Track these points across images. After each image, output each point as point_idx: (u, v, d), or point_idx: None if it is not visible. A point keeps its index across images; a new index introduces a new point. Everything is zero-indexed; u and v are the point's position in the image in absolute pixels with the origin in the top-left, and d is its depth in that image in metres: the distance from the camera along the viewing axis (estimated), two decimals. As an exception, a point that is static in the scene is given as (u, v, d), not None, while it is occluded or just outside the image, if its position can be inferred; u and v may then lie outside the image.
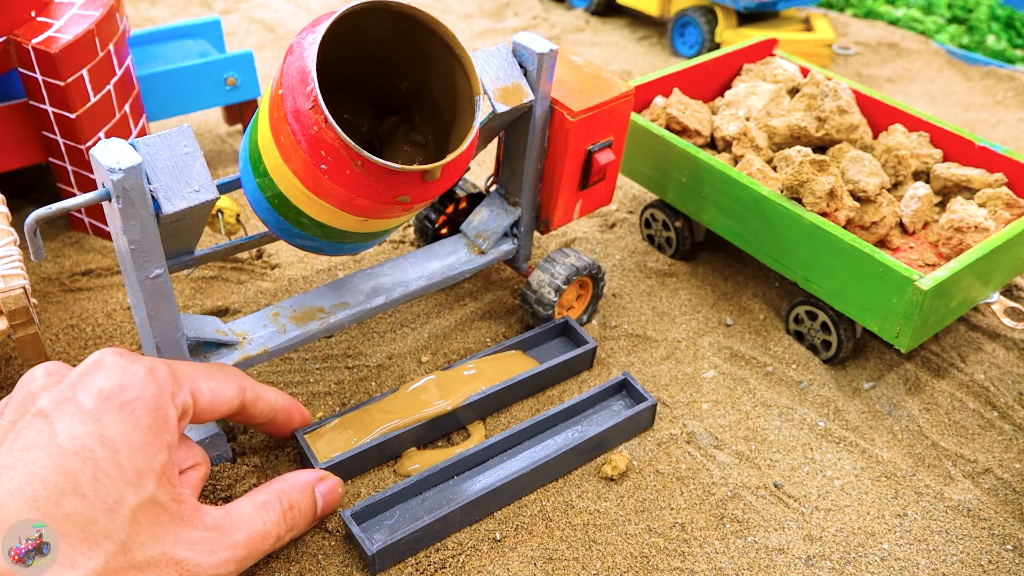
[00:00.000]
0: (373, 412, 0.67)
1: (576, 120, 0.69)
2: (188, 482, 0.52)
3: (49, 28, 0.78)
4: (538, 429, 0.68)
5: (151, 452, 0.46)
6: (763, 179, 0.80)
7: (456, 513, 0.60)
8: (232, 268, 0.85)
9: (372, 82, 0.64)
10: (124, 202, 0.51)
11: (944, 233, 0.78)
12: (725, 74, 1.00)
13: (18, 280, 0.63)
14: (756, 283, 0.88)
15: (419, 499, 0.63)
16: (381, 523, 0.61)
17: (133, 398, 0.47)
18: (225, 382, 0.55)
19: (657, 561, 0.61)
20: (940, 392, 0.76)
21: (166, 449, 0.47)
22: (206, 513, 0.50)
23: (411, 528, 0.58)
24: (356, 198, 0.54)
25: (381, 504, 0.61)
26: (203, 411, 0.53)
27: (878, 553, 0.62)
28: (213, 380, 0.54)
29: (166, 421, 0.48)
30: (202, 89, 0.97)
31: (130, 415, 0.46)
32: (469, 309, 0.81)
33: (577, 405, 0.69)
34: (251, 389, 0.57)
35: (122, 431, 0.45)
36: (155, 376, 0.48)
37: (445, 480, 0.64)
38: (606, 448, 0.68)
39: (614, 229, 0.95)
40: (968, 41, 1.53)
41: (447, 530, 0.61)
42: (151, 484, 0.46)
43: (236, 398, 0.55)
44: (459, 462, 0.64)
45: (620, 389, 0.72)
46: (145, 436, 0.46)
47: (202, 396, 0.52)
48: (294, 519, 0.56)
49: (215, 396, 0.54)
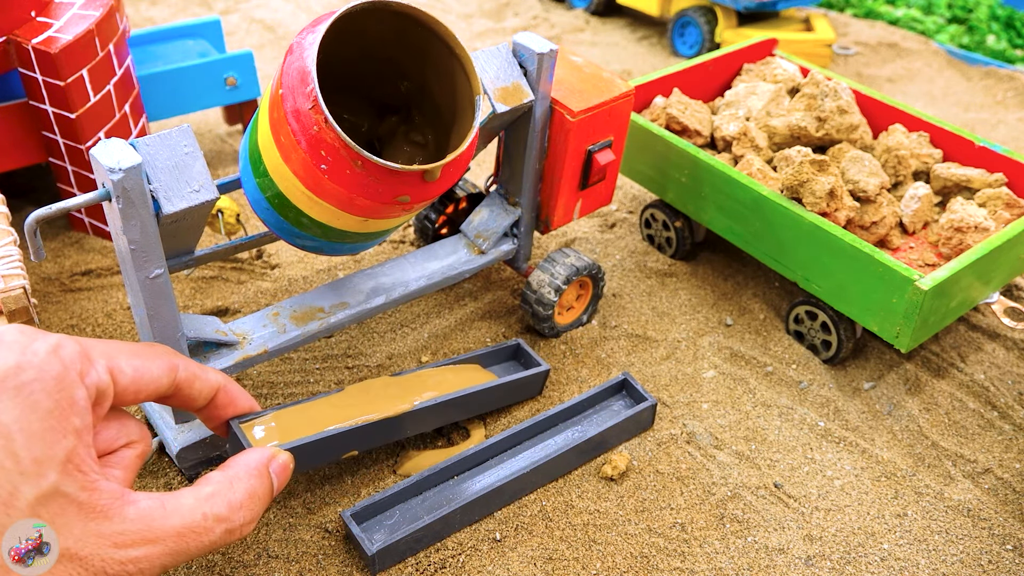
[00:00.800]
0: (313, 409, 0.62)
1: (576, 120, 0.69)
2: (119, 463, 0.47)
3: (49, 28, 0.78)
4: (538, 429, 0.68)
5: (52, 439, 0.42)
6: (763, 179, 0.80)
7: (456, 513, 0.60)
8: (232, 268, 0.85)
9: (372, 82, 0.64)
10: (124, 202, 0.51)
11: (944, 233, 0.78)
12: (725, 74, 1.00)
13: (18, 280, 0.63)
14: (756, 283, 0.88)
15: (419, 499, 0.63)
16: (381, 523, 0.61)
17: (31, 379, 0.42)
18: (152, 359, 0.49)
19: (657, 561, 0.61)
20: (940, 392, 0.76)
21: (72, 434, 0.43)
22: (131, 502, 0.44)
23: (411, 528, 0.58)
24: (356, 198, 0.54)
25: (381, 504, 0.61)
26: (125, 391, 0.47)
27: (878, 553, 0.62)
28: (137, 358, 0.48)
29: (72, 403, 0.43)
30: (202, 89, 0.97)
31: (27, 398, 0.42)
32: (469, 309, 0.81)
33: (577, 405, 0.69)
34: (184, 367, 0.51)
35: (18, 416, 0.41)
36: (59, 355, 0.43)
37: (445, 480, 0.64)
38: (606, 448, 0.68)
39: (614, 229, 0.95)
40: (968, 41, 1.53)
41: (447, 530, 0.61)
42: (52, 474, 0.42)
43: (165, 377, 0.49)
44: (459, 462, 0.64)
45: (620, 389, 0.72)
46: (45, 421, 0.42)
47: (122, 375, 0.47)
48: (253, 510, 0.50)
49: (139, 374, 0.48)
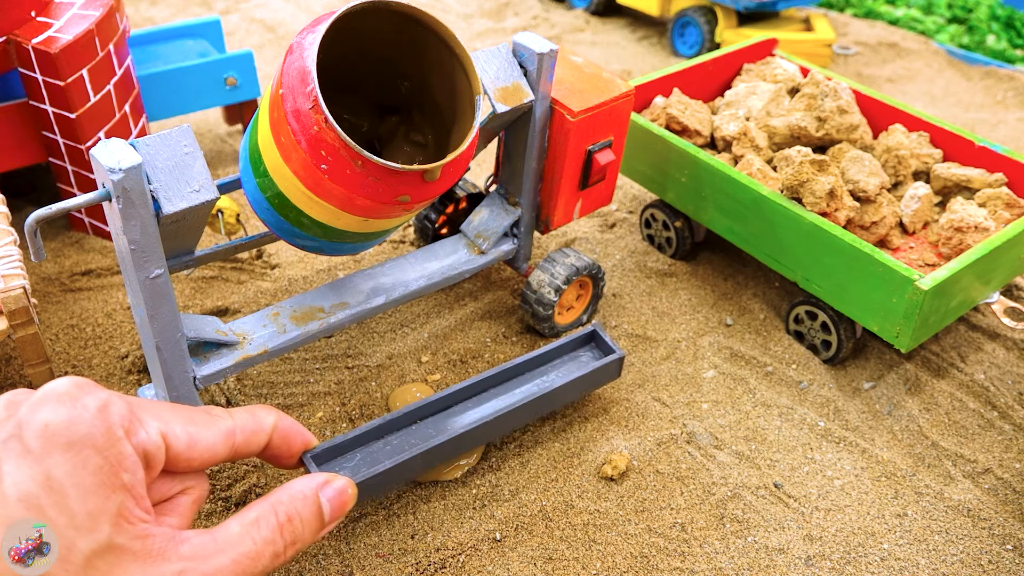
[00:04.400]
0: None
1: (576, 120, 0.69)
2: (174, 509, 0.49)
3: (49, 28, 0.78)
4: (504, 378, 0.68)
5: (104, 493, 0.43)
6: (763, 179, 0.80)
7: (418, 459, 0.60)
8: (232, 268, 0.85)
9: (372, 82, 0.64)
10: (124, 202, 0.51)
11: (944, 233, 0.78)
12: (725, 74, 1.00)
13: (18, 280, 0.63)
14: (756, 283, 0.88)
15: (381, 443, 0.63)
16: (342, 465, 0.61)
17: (81, 436, 0.43)
18: (208, 427, 0.50)
19: (657, 561, 0.61)
20: (940, 392, 0.76)
21: (122, 490, 0.44)
22: (183, 541, 0.46)
23: (372, 471, 0.58)
24: (356, 198, 0.54)
25: (343, 446, 0.61)
26: (178, 457, 0.49)
27: (878, 553, 0.62)
28: (193, 424, 0.49)
29: (121, 459, 0.44)
30: (202, 89, 0.97)
31: (77, 455, 0.43)
32: (469, 309, 0.81)
33: (544, 355, 0.69)
34: (241, 430, 0.52)
35: (70, 472, 0.42)
36: (106, 412, 0.45)
37: (408, 425, 0.64)
38: (572, 399, 0.68)
39: (614, 229, 0.95)
40: (968, 41, 1.53)
41: (407, 474, 0.61)
42: (106, 527, 0.43)
43: (222, 444, 0.50)
44: (423, 407, 0.64)
45: (589, 340, 0.72)
46: (96, 476, 0.43)
47: (176, 440, 0.48)
48: (295, 532, 0.51)
49: (194, 441, 0.49)
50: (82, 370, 0.73)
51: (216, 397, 0.71)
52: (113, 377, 0.72)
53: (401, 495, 0.64)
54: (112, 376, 0.72)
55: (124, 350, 0.75)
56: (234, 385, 0.72)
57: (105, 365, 0.73)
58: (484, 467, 0.67)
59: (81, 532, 0.43)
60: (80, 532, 0.43)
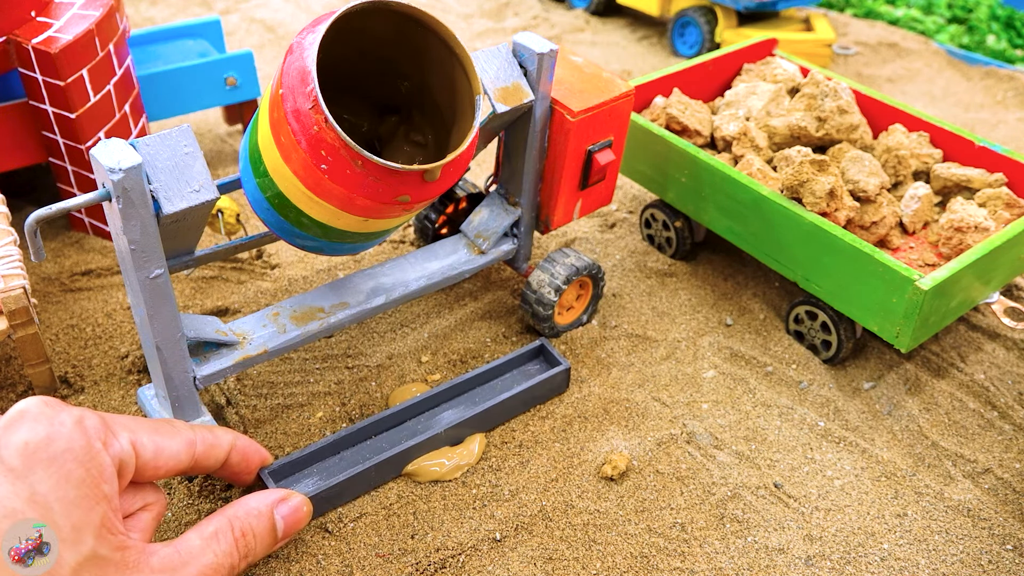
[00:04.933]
0: None
1: (576, 120, 0.69)
2: (136, 525, 0.50)
3: (49, 28, 0.78)
4: (455, 392, 0.71)
5: (87, 506, 0.44)
6: (763, 179, 0.80)
7: (371, 470, 0.63)
8: (232, 268, 0.85)
9: (372, 82, 0.64)
10: (124, 202, 0.51)
11: (944, 233, 0.78)
12: (725, 74, 1.00)
13: (18, 280, 0.63)
14: (756, 283, 0.88)
15: (336, 458, 0.65)
16: (299, 480, 0.63)
17: (62, 451, 0.44)
18: (172, 436, 0.52)
19: (657, 561, 0.61)
20: (940, 392, 0.76)
21: (103, 501, 0.45)
22: (152, 553, 0.48)
23: (326, 484, 0.61)
24: (356, 198, 0.54)
25: (300, 462, 0.63)
26: (146, 465, 0.50)
27: (878, 553, 0.62)
28: (158, 434, 0.51)
29: (101, 471, 0.45)
30: (202, 89, 0.97)
31: (60, 469, 0.44)
32: (469, 309, 0.81)
33: (493, 369, 0.72)
34: (201, 440, 0.54)
35: (53, 487, 0.43)
36: (83, 426, 0.46)
37: (363, 440, 0.67)
38: (523, 410, 0.71)
39: (614, 229, 0.95)
40: (968, 41, 1.53)
41: (361, 487, 0.63)
42: (90, 539, 0.44)
43: (184, 453, 0.53)
44: (373, 423, 0.67)
45: (537, 355, 0.75)
46: (79, 490, 0.44)
47: (144, 449, 0.50)
48: (248, 546, 0.53)
49: (160, 449, 0.51)
50: (82, 370, 0.73)
51: (216, 397, 0.71)
52: (113, 377, 0.72)
53: (401, 495, 0.64)
54: (112, 376, 0.72)
55: (124, 350, 0.75)
56: (234, 385, 0.72)
57: (105, 365, 0.73)
58: (484, 467, 0.67)
59: (67, 544, 0.43)
60: (66, 544, 0.43)
